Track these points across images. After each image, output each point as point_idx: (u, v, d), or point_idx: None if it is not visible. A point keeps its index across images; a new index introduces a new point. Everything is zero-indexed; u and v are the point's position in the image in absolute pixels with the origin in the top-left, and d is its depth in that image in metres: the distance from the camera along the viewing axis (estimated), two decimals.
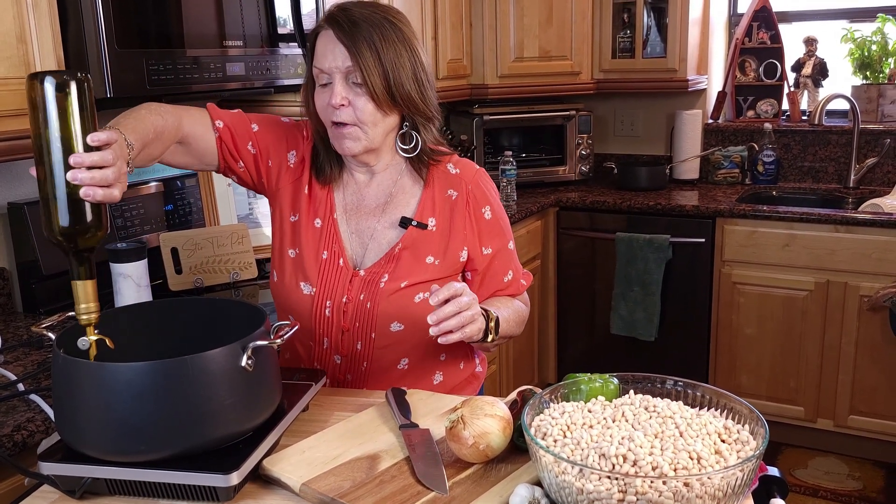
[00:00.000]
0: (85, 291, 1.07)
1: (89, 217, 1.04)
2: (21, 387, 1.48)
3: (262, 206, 2.45)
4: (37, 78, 1.01)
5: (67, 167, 1.02)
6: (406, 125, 1.47)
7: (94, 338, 1.07)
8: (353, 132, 1.40)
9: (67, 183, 1.02)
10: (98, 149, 1.04)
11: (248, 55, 2.07)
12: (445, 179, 1.51)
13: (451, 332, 1.26)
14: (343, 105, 1.37)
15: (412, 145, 1.48)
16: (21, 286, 2.01)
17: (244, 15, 2.05)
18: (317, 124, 1.47)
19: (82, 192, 1.02)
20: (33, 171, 1.04)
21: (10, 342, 1.75)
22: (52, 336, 1.09)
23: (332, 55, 1.37)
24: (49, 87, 1.00)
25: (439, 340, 1.27)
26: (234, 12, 2.02)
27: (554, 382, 1.44)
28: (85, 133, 1.03)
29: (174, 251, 2.17)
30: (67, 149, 1.02)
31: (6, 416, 1.37)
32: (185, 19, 1.88)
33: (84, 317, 1.07)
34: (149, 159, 1.33)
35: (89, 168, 1.03)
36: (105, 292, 1.98)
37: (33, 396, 1.41)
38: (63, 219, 1.03)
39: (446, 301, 1.26)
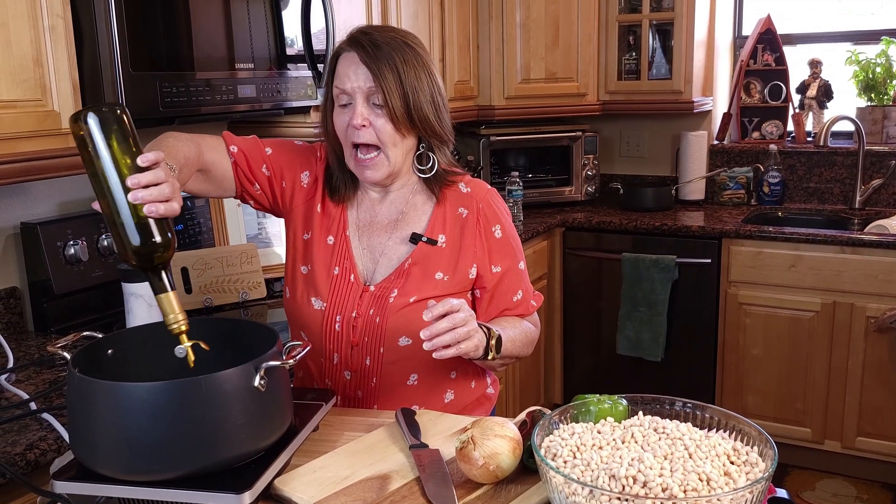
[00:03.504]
0: (170, 303, 1.10)
1: (157, 234, 1.09)
2: (33, 405, 1.49)
3: (272, 226, 2.47)
4: (80, 117, 1.06)
5: (126, 191, 1.06)
6: (422, 147, 1.50)
7: (188, 344, 1.11)
8: (378, 161, 1.43)
9: (130, 206, 1.07)
10: (149, 168, 1.08)
11: (257, 77, 2.09)
12: (457, 198, 1.54)
13: (447, 347, 1.28)
14: (364, 126, 1.40)
15: (429, 166, 1.51)
16: (33, 305, 2.03)
17: (253, 37, 2.08)
18: (334, 144, 1.50)
19: (145, 209, 1.07)
20: (96, 206, 1.09)
21: (21, 361, 1.76)
22: (67, 355, 1.10)
23: (355, 76, 1.40)
24: (93, 122, 1.06)
25: (434, 355, 1.28)
26: (244, 35, 2.05)
27: (560, 402, 1.45)
28: (134, 157, 1.08)
29: (184, 270, 2.18)
30: (122, 174, 1.07)
31: (19, 434, 1.38)
32: (195, 43, 1.91)
33: (174, 326, 1.10)
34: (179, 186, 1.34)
35: (146, 187, 1.07)
36: (116, 311, 2.01)
37: (46, 415, 1.42)
38: (134, 240, 1.08)
39: (443, 317, 1.27)
